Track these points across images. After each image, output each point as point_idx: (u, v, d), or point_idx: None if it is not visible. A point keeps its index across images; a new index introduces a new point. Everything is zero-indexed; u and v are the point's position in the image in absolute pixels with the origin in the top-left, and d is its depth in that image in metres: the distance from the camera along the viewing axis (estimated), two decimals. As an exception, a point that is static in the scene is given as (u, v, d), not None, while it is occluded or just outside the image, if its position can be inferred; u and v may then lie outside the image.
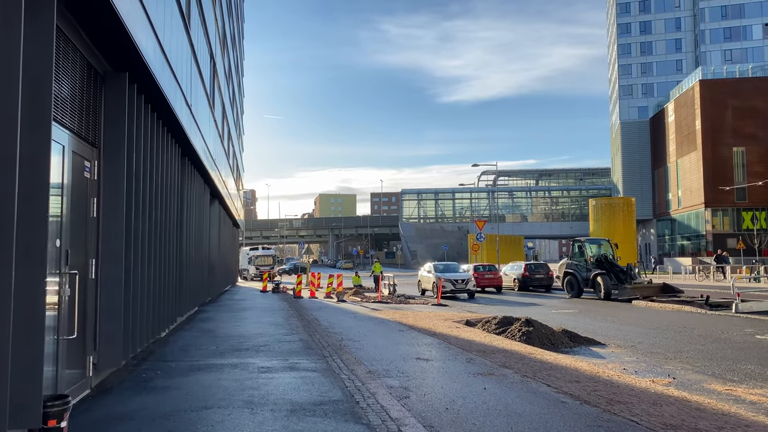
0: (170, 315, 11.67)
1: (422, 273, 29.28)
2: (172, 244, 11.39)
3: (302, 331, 12.88)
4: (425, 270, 29.04)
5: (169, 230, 10.88)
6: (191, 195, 14.57)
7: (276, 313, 17.45)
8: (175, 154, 11.69)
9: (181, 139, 11.80)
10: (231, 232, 34.28)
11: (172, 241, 11.30)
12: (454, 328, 13.82)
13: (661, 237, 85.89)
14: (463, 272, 27.79)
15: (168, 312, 11.34)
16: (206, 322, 14.67)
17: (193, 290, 15.72)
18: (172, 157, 11.23)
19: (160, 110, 9.46)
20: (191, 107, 11.62)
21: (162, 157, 10.19)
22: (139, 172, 8.02)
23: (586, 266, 24.90)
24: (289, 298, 24.43)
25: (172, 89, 9.21)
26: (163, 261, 10.47)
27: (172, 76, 9.07)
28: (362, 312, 18.23)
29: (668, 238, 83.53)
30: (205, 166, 15.38)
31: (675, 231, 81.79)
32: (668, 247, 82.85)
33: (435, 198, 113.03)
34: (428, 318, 16.17)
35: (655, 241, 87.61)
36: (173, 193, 11.37)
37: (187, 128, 11.28)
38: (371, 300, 23.75)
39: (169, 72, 8.80)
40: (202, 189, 17.46)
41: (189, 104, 11.33)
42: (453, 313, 18.63)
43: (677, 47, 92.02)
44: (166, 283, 10.82)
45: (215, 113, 18.61)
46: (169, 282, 11.21)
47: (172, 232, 11.41)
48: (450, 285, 25.67)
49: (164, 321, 11.05)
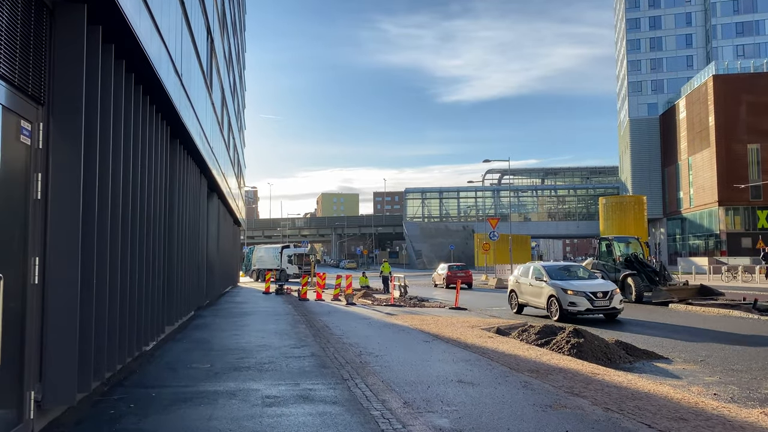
0: (157, 324, 9.86)
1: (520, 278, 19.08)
2: (158, 240, 9.59)
3: (312, 341, 11.06)
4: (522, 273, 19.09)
5: (153, 223, 9.08)
6: (185, 185, 12.78)
7: (281, 318, 15.64)
8: (161, 133, 9.88)
9: (170, 116, 9.99)
10: (232, 230, 32.48)
11: (157, 236, 9.50)
12: (486, 338, 12.00)
13: (672, 236, 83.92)
14: (597, 279, 18.00)
15: (153, 321, 9.53)
16: (202, 330, 12.85)
17: (187, 293, 13.92)
18: (157, 135, 9.42)
19: (140, 73, 7.65)
20: (182, 78, 9.80)
21: (144, 132, 8.38)
22: (106, 144, 6.20)
23: (615, 266, 23.04)
24: (294, 301, 22.63)
25: (154, 46, 7.39)
26: (145, 260, 8.66)
27: (154, 27, 7.24)
28: (376, 317, 16.41)
29: (679, 237, 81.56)
30: (201, 153, 13.57)
31: (686, 230, 79.85)
32: (679, 247, 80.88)
33: (439, 197, 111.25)
34: (452, 325, 14.36)
35: (665, 240, 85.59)
36: (160, 179, 9.57)
37: (177, 102, 9.46)
38: (382, 303, 21.94)
39: (149, 20, 6.97)
40: (198, 180, 15.65)
41: (179, 73, 9.51)
42: (476, 318, 16.83)
43: (688, 43, 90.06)
44: (149, 286, 9.00)
45: (213, 96, 16.80)
46: (154, 285, 9.40)
47: (159, 225, 9.61)
48: (584, 301, 16.04)
49: (148, 332, 9.23)
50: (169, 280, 10.82)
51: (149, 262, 8.88)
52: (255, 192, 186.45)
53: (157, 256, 9.46)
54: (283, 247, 49.92)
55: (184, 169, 12.46)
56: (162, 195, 9.80)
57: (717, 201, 68.60)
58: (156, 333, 10.04)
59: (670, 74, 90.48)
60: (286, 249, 49.30)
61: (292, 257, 47.52)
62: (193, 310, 16.25)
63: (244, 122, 43.40)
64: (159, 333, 10.12)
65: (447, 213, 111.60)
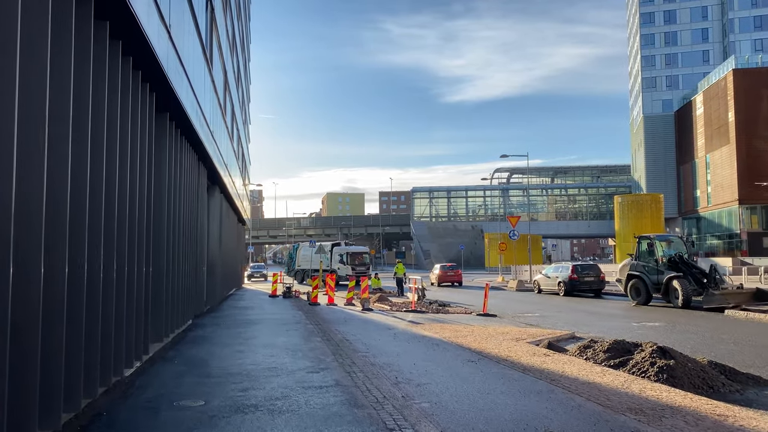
0: (136, 342, 7.80)
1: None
2: (139, 235, 7.53)
3: (333, 362, 8.98)
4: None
5: (130, 210, 7.03)
6: (178, 172, 10.75)
7: (291, 328, 13.57)
8: (143, 100, 7.81)
9: (155, 80, 7.94)
10: (236, 228, 30.43)
11: (138, 229, 7.45)
12: (541, 356, 9.90)
13: (688, 236, 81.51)
14: None
15: (131, 339, 7.48)
16: (199, 345, 10.79)
17: (182, 301, 11.88)
18: (137, 101, 7.36)
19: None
20: (170, 30, 7.74)
21: (115, 93, 6.31)
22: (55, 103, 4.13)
23: (657, 268, 20.87)
24: (304, 306, 20.57)
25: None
26: (115, 258, 6.60)
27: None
28: (400, 327, 14.33)
29: (696, 237, 79.13)
30: (198, 135, 11.53)
31: (703, 230, 77.57)
32: (696, 247, 78.27)
33: (447, 196, 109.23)
34: (491, 337, 12.27)
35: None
36: (140, 155, 7.51)
37: (164, 60, 7.40)
38: (401, 308, 19.85)
39: None
40: (197, 168, 13.59)
41: (166, 22, 7.44)
42: (513, 327, 14.74)
43: (704, 37, 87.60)
44: (127, 297, 6.95)
45: (213, 73, 14.72)
46: (136, 295, 7.35)
47: (140, 214, 7.56)
48: None
49: (124, 353, 7.18)
50: (156, 287, 8.79)
51: (123, 262, 6.84)
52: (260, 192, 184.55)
53: (136, 254, 7.41)
54: (334, 245, 42.61)
55: (176, 151, 10.41)
56: (142, 176, 7.75)
57: (737, 199, 66.30)
58: (138, 354, 7.99)
59: (686, 70, 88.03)
60: (338, 247, 42.27)
61: (344, 256, 40.48)
62: (191, 318, 14.20)
63: (249, 116, 41.39)
64: (141, 354, 8.06)
65: (455, 212, 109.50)
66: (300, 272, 44.14)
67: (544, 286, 29.12)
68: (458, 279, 38.99)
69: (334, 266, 39.48)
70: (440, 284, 38.03)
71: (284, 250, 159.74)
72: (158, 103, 8.69)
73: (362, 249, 42.82)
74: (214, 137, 14.32)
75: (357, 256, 40.46)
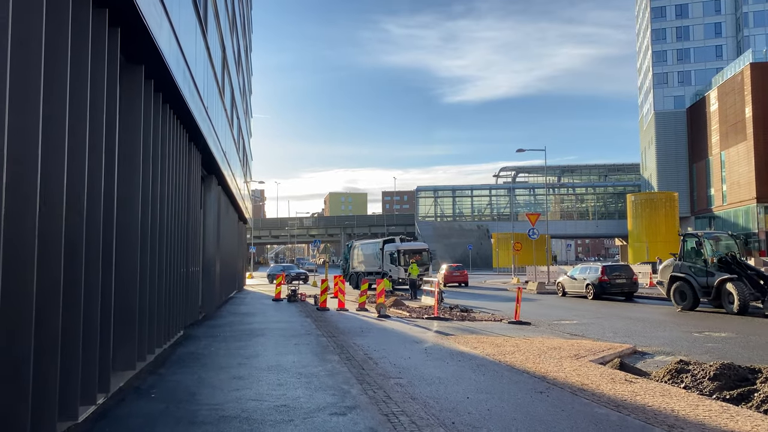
0: (101, 371, 5.63)
1: None
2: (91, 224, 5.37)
3: (361, 395, 6.81)
4: None
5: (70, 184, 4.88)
6: (162, 147, 8.60)
7: (301, 341, 11.39)
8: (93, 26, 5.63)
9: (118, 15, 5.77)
10: (236, 227, 28.24)
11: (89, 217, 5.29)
12: (624, 382, 7.73)
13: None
14: None
15: (91, 366, 5.32)
16: (186, 368, 8.62)
17: (168, 310, 9.73)
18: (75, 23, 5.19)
19: None
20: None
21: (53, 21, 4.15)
22: None
23: (706, 269, 18.66)
24: (312, 311, 18.40)
25: None
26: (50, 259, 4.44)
27: None
28: (428, 339, 12.16)
29: (710, 237, 76.67)
30: (188, 105, 9.37)
31: (718, 229, 75.15)
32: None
33: (452, 195, 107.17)
34: (544, 354, 10.12)
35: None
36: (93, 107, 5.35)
37: None
38: (421, 314, 17.69)
39: None
40: (187, 148, 11.40)
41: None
42: (559, 339, 12.59)
43: (717, 32, 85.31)
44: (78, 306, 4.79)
45: (209, 39, 12.53)
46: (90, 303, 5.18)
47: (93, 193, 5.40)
48: None
49: (78, 389, 5.02)
50: (126, 297, 6.64)
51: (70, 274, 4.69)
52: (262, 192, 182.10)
53: (90, 260, 5.26)
54: (385, 242, 35.14)
55: (157, 120, 8.23)
56: (102, 146, 5.58)
57: (755, 198, 64.07)
58: (103, 384, 5.82)
59: (698, 65, 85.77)
60: (390, 244, 34.51)
61: (395, 255, 32.97)
62: (182, 328, 12.03)
63: (251, 108, 39.23)
64: (99, 391, 5.88)
65: (460, 212, 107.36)
66: (354, 276, 37.13)
67: (569, 289, 26.94)
68: (464, 279, 39.15)
69: (386, 268, 33.06)
70: (446, 284, 37.26)
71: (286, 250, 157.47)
72: (126, 47, 6.53)
73: (419, 245, 35.68)
74: (208, 114, 12.15)
75: (413, 254, 33.31)
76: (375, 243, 36.40)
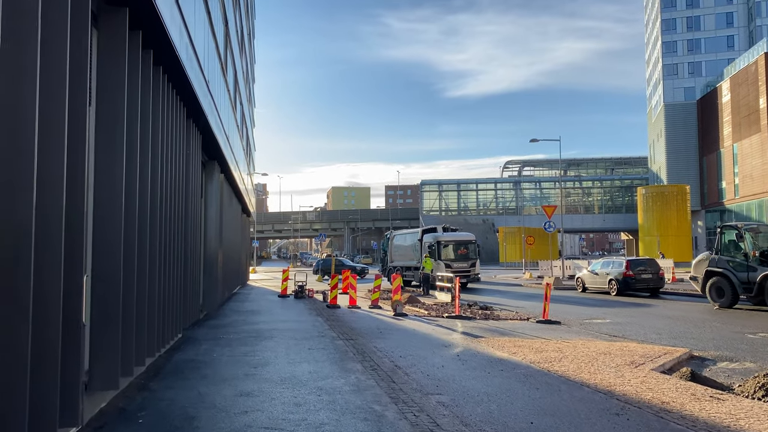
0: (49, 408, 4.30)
1: None
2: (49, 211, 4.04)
3: (400, 420, 5.49)
4: None
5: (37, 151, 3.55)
6: (159, 121, 7.27)
7: (315, 345, 10.06)
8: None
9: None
10: (240, 219, 26.91)
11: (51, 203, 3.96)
12: (710, 399, 6.41)
13: (712, 230, 77.47)
14: None
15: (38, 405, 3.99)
16: (184, 381, 7.30)
17: (162, 310, 8.41)
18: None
19: None
20: None
21: None
22: None
23: (747, 263, 17.29)
24: (322, 309, 17.09)
25: None
26: None
27: None
28: (457, 341, 10.84)
29: (720, 231, 75.10)
30: (185, 71, 8.02)
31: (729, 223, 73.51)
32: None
33: (457, 189, 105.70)
34: (595, 361, 8.80)
35: (703, 234, 79.02)
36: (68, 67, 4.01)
37: None
38: (440, 312, 16.37)
39: None
40: (184, 123, 10.05)
41: None
42: (603, 342, 11.26)
43: (728, 22, 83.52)
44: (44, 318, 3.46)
45: (212, 14, 11.16)
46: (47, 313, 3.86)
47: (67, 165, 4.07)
48: None
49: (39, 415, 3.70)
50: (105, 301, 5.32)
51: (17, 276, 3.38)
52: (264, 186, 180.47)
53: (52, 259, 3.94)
54: (424, 232, 29.96)
55: (144, 81, 6.87)
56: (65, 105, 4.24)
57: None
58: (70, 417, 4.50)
59: (709, 56, 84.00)
60: (429, 234, 29.37)
61: (434, 247, 27.94)
62: (181, 330, 10.72)
63: (254, 97, 37.84)
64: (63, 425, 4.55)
65: (465, 206, 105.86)
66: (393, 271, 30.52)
67: (589, 284, 25.59)
68: None
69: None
70: None
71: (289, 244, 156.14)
72: None
73: (464, 236, 29.87)
74: (210, 90, 10.81)
75: (457, 246, 28.36)
76: (413, 233, 31.82)
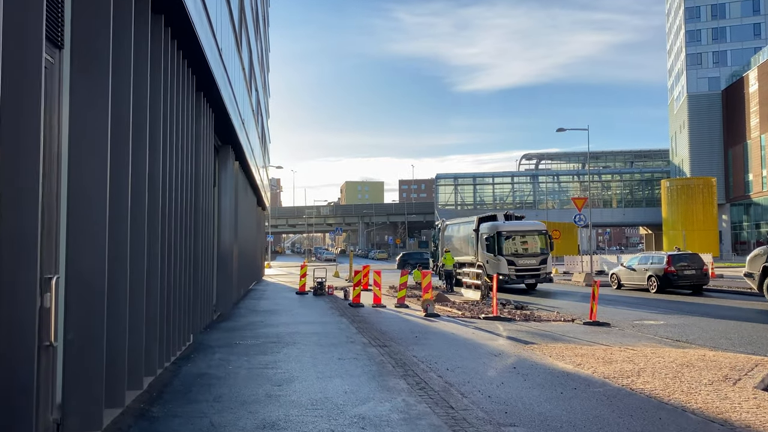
0: None
1: None
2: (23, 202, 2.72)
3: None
4: None
5: None
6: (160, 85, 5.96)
7: (345, 354, 8.72)
8: None
9: None
10: (255, 212, 25.65)
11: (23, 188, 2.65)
12: None
13: (737, 224, 75.27)
14: None
15: None
16: (194, 404, 5.98)
17: (168, 315, 7.10)
18: None
19: None
20: None
21: None
22: None
23: (812, 259, 15.76)
24: (345, 308, 15.77)
25: None
26: None
27: None
28: (508, 350, 9.45)
29: (746, 225, 73.06)
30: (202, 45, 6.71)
31: (755, 217, 71.40)
32: (747, 236, 72.15)
33: (473, 183, 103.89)
34: (681, 375, 7.43)
35: (728, 228, 76.71)
36: None
37: None
38: (475, 313, 14.98)
39: None
40: (194, 101, 8.73)
41: None
42: (675, 350, 9.84)
43: (755, 9, 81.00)
44: None
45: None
46: None
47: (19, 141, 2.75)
48: None
49: None
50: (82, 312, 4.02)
51: None
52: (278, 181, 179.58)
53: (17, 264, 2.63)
54: (481, 220, 24.88)
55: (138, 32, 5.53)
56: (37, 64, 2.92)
57: (799, 183, 60.41)
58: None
59: (735, 45, 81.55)
60: (486, 223, 24.37)
61: (492, 239, 23.16)
62: (191, 337, 9.42)
63: (269, 87, 36.56)
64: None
65: (481, 200, 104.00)
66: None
67: (625, 281, 24.07)
68: None
69: (481, 258, 23.81)
70: None
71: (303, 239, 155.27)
72: None
73: (532, 225, 24.76)
74: (223, 61, 9.48)
75: (523, 238, 23.63)
76: (468, 222, 26.50)
